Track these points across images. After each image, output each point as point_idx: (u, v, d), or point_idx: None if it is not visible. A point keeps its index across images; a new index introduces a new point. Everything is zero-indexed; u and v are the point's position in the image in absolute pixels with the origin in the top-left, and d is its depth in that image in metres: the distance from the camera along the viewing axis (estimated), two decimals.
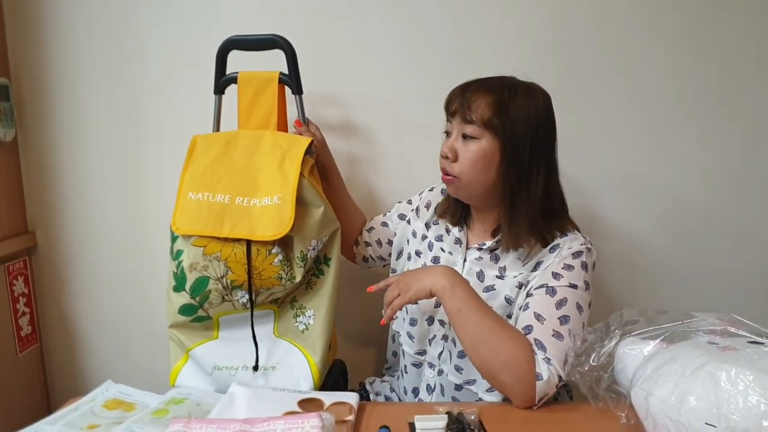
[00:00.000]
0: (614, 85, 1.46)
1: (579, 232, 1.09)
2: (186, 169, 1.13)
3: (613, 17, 1.43)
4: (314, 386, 1.11)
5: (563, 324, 0.98)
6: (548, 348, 0.96)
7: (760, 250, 1.54)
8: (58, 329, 1.60)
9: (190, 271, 1.09)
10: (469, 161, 1.05)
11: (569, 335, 0.98)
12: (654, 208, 1.52)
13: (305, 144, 1.15)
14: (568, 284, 1.01)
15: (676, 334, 0.96)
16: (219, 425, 0.82)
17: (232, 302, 1.11)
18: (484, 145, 1.04)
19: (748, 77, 1.45)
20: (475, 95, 1.04)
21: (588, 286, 1.04)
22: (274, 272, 1.10)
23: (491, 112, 1.03)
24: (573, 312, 1.00)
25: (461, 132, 1.06)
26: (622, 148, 1.49)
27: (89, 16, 1.44)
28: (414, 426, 0.89)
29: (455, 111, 1.07)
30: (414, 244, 1.26)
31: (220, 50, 1.21)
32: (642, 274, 1.56)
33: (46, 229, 1.54)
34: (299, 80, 1.22)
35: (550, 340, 0.97)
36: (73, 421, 0.92)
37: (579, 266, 1.03)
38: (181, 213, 1.10)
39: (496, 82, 1.06)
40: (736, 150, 1.49)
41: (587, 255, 1.05)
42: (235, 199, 1.10)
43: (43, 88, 1.47)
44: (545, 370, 0.94)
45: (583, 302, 1.02)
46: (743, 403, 0.74)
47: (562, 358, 0.96)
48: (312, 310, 1.16)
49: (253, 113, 1.20)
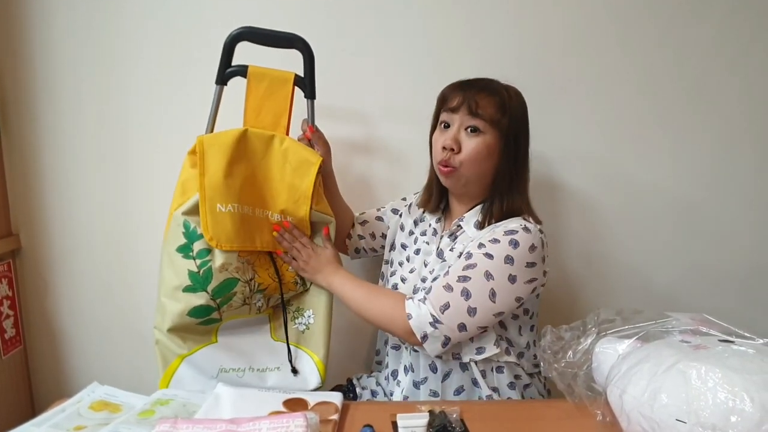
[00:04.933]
0: (592, 89, 1.49)
1: (528, 219, 1.15)
2: (202, 176, 1.09)
3: (591, 25, 1.46)
4: (322, 380, 1.17)
5: (460, 281, 1.06)
6: (432, 293, 1.07)
7: (736, 249, 1.58)
8: (42, 332, 1.59)
9: (220, 271, 1.10)
10: (473, 152, 1.12)
11: (462, 291, 1.05)
12: (633, 207, 1.56)
13: (316, 167, 1.15)
14: (485, 253, 1.07)
15: (650, 333, 0.99)
16: (205, 425, 0.84)
17: (250, 306, 1.14)
18: (488, 139, 1.13)
19: (722, 81, 1.50)
20: (481, 94, 1.13)
21: (511, 261, 1.05)
22: (291, 277, 1.20)
23: (497, 111, 1.12)
24: (477, 276, 1.05)
25: (466, 125, 1.13)
26: (600, 149, 1.52)
27: (74, 16, 1.44)
28: (396, 425, 0.91)
29: (457, 106, 1.13)
30: (401, 237, 1.33)
31: (230, 39, 1.16)
32: (622, 272, 1.60)
33: (31, 231, 1.54)
34: (314, 84, 1.21)
35: (439, 289, 1.07)
36: (59, 423, 0.92)
37: (506, 242, 1.07)
38: (215, 226, 1.08)
39: (493, 84, 1.16)
40: (711, 152, 1.53)
41: (522, 235, 1.07)
42: (255, 210, 1.14)
43: (27, 89, 1.47)
44: (414, 309, 1.06)
45: (496, 272, 1.05)
46: (712, 399, 0.77)
47: (440, 303, 1.05)
48: (311, 311, 1.20)
49: (262, 112, 1.17)
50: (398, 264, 1.30)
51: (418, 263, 1.24)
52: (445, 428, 0.90)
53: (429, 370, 1.16)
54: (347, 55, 1.47)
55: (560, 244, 1.56)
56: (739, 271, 1.59)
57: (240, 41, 1.17)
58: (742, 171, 1.55)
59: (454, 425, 0.92)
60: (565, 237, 1.56)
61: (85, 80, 1.47)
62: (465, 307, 1.04)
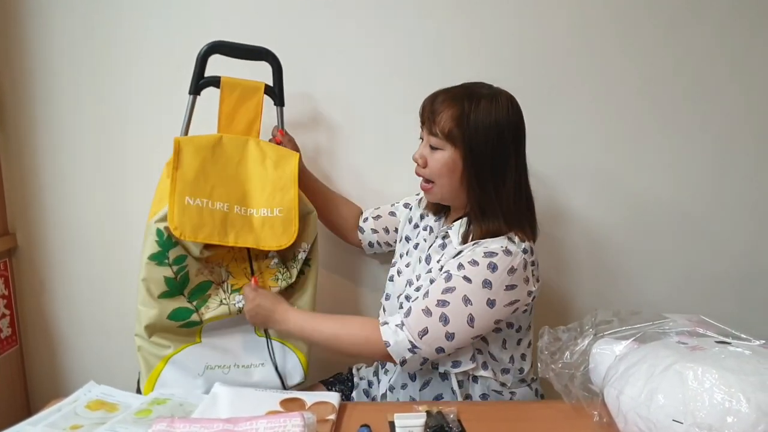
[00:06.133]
0: (591, 91, 1.49)
1: (513, 238, 1.08)
2: (175, 170, 1.10)
3: (591, 25, 1.46)
4: (305, 375, 1.19)
5: (439, 306, 1.03)
6: (410, 317, 1.05)
7: (731, 252, 1.59)
8: (38, 331, 1.59)
9: (196, 275, 1.14)
10: (436, 169, 1.11)
11: (440, 317, 1.03)
12: (629, 210, 1.56)
13: (296, 159, 1.20)
14: (463, 276, 1.04)
15: (647, 334, 1.00)
16: (202, 425, 0.84)
17: (229, 306, 1.15)
18: (446, 155, 1.09)
19: (720, 84, 1.50)
20: (440, 107, 1.09)
21: (489, 285, 1.02)
22: (271, 274, 1.20)
23: (452, 124, 1.07)
24: (456, 301, 1.03)
25: (427, 141, 1.13)
26: (598, 152, 1.53)
27: (72, 16, 1.43)
28: (394, 425, 0.91)
29: (423, 121, 1.13)
30: (407, 230, 1.33)
31: (203, 52, 1.20)
32: (616, 274, 1.60)
33: (27, 230, 1.53)
34: (282, 93, 1.28)
35: (417, 312, 1.04)
36: (56, 422, 0.92)
37: (485, 265, 1.03)
38: (181, 217, 1.08)
39: (461, 92, 1.10)
40: (708, 155, 1.53)
41: (502, 257, 1.04)
42: (234, 207, 1.14)
43: (24, 88, 1.46)
44: (392, 336, 1.04)
45: (474, 297, 1.02)
46: (709, 400, 0.77)
47: (418, 329, 1.03)
48: (295, 307, 1.19)
49: (235, 119, 1.22)
50: (399, 255, 1.31)
51: (414, 258, 1.24)
52: (443, 428, 0.91)
53: (408, 377, 1.19)
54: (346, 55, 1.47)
55: (557, 247, 1.56)
56: (735, 274, 1.60)
57: (213, 54, 1.22)
58: (740, 174, 1.55)
59: (451, 425, 0.92)
60: (562, 239, 1.56)
61: (83, 80, 1.46)
62: (443, 333, 1.03)
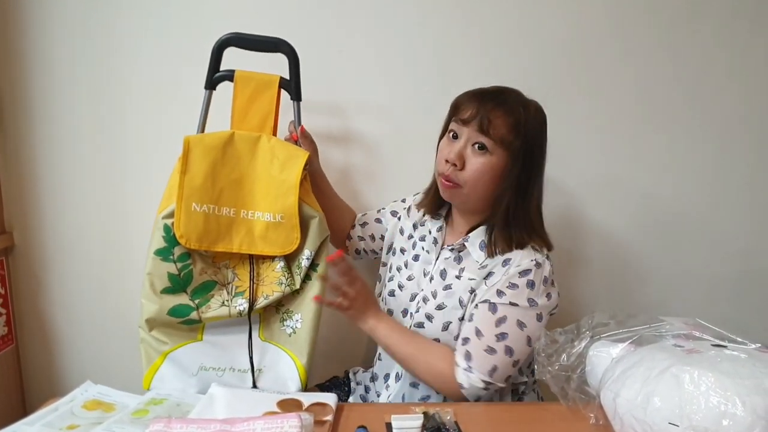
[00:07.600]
0: (592, 93, 1.50)
1: (536, 247, 1.11)
2: (183, 174, 1.11)
3: (590, 29, 1.47)
4: (301, 386, 1.15)
5: (499, 341, 1.04)
6: (475, 360, 1.04)
7: (729, 254, 1.60)
8: (34, 330, 1.58)
9: (200, 274, 1.13)
10: (477, 172, 1.08)
11: (505, 350, 1.04)
12: (629, 212, 1.57)
13: (303, 160, 1.16)
14: (509, 303, 1.05)
15: (644, 337, 1.00)
16: (199, 425, 0.84)
17: (230, 308, 1.14)
18: (494, 160, 1.07)
19: (720, 86, 1.51)
20: (495, 110, 1.06)
21: (534, 303, 1.06)
22: (275, 278, 1.17)
23: (510, 132, 1.06)
24: (512, 329, 1.05)
25: (474, 141, 1.08)
26: (599, 153, 1.53)
27: (70, 15, 1.43)
28: (391, 426, 0.91)
29: (470, 119, 1.07)
30: (401, 241, 1.31)
31: (218, 45, 1.19)
32: (616, 275, 1.60)
33: (24, 229, 1.53)
34: (299, 86, 1.22)
35: (480, 353, 1.05)
36: (52, 422, 0.92)
37: (524, 285, 1.06)
38: (187, 224, 1.10)
39: (512, 99, 1.09)
40: (706, 157, 1.54)
41: (535, 272, 1.07)
42: (240, 212, 1.15)
43: (23, 87, 1.46)
44: (465, 380, 1.04)
45: (526, 319, 1.05)
46: (705, 403, 0.78)
47: (487, 369, 1.04)
48: (300, 315, 1.18)
49: (249, 114, 1.19)
50: (396, 269, 1.28)
51: (417, 271, 1.23)
52: (439, 430, 0.91)
53: (407, 387, 1.19)
54: (347, 54, 1.47)
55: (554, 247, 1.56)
56: (732, 276, 1.60)
57: (227, 47, 1.20)
58: (737, 175, 1.56)
59: (448, 427, 0.92)
60: (559, 240, 1.56)
61: (81, 79, 1.46)
62: (510, 363, 1.04)
